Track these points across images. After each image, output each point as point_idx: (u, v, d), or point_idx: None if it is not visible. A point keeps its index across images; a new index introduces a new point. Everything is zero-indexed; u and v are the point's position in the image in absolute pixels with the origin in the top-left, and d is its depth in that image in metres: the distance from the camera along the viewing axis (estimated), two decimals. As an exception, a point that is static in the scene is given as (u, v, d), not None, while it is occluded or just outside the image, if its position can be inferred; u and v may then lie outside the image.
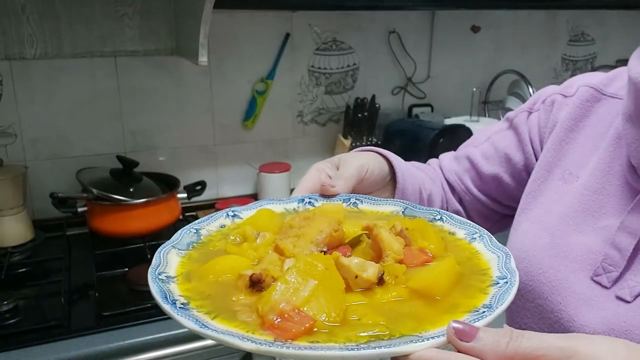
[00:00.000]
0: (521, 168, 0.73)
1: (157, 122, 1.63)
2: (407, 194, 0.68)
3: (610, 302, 0.55)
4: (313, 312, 0.40)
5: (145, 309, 1.15)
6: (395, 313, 0.41)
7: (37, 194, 1.52)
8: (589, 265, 0.58)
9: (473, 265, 0.48)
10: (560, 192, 0.65)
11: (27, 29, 1.42)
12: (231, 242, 0.53)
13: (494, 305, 0.40)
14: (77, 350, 1.03)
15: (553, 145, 0.67)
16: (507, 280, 0.43)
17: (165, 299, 0.41)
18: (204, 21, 1.22)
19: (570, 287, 0.58)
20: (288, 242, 0.49)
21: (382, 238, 0.48)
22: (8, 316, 1.12)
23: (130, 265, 1.31)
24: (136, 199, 1.39)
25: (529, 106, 0.74)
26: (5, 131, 1.47)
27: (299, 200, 0.61)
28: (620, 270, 0.55)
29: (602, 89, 0.66)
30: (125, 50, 1.54)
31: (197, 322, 0.38)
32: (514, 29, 2.11)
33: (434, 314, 0.41)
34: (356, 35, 1.84)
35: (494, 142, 0.76)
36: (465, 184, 0.78)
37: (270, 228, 0.54)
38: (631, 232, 0.55)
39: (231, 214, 0.58)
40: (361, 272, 0.44)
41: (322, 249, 0.49)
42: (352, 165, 0.63)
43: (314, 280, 0.41)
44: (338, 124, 1.88)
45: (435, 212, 0.58)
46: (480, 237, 0.52)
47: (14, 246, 1.37)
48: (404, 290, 0.44)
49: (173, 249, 0.50)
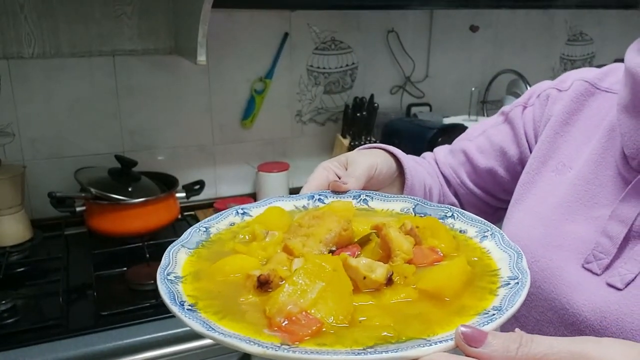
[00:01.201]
0: (516, 161, 0.74)
1: (156, 121, 1.63)
2: (415, 189, 0.69)
3: (601, 289, 0.55)
4: (320, 314, 0.39)
5: (143, 309, 1.15)
6: (403, 315, 0.41)
7: (35, 193, 1.51)
8: (580, 254, 0.58)
9: (484, 265, 0.47)
10: (554, 183, 0.65)
11: (26, 28, 1.42)
12: (240, 240, 0.53)
13: (504, 307, 0.40)
14: (76, 349, 1.03)
15: (547, 137, 0.68)
16: (518, 281, 0.42)
17: (173, 300, 0.41)
18: (202, 20, 1.22)
19: (562, 275, 0.59)
20: (297, 241, 0.49)
21: (391, 237, 0.47)
22: (6, 316, 1.11)
23: (128, 265, 1.31)
24: (134, 198, 1.39)
25: (524, 100, 0.75)
26: (4, 131, 1.47)
27: (308, 197, 0.60)
28: (610, 258, 0.56)
29: (596, 83, 0.67)
30: (124, 50, 1.54)
31: (205, 325, 0.38)
32: (513, 28, 2.12)
33: (443, 316, 0.40)
34: (355, 35, 1.84)
35: (489, 135, 0.76)
36: (461, 177, 0.78)
37: (280, 226, 0.54)
38: (622, 220, 0.56)
39: (241, 212, 0.58)
40: (369, 273, 0.43)
41: (332, 249, 0.49)
42: (361, 164, 0.64)
43: (322, 282, 0.41)
44: (337, 124, 1.88)
45: (447, 208, 0.58)
46: (492, 235, 0.51)
47: (12, 246, 1.37)
48: (413, 291, 0.44)
49: (182, 248, 0.50)
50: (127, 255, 1.37)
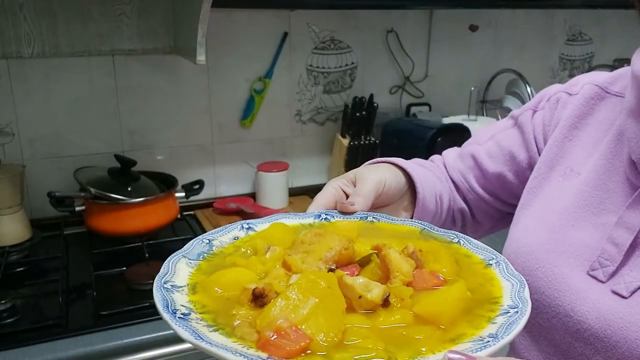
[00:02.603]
0: (525, 166, 0.73)
1: (155, 121, 1.63)
2: (427, 202, 0.68)
3: (606, 296, 0.55)
4: (311, 330, 0.39)
5: (142, 308, 1.14)
6: (396, 339, 0.40)
7: (34, 193, 1.51)
8: (586, 261, 0.58)
9: (486, 292, 0.47)
10: (561, 189, 0.64)
11: (25, 28, 1.42)
12: (242, 254, 0.52)
13: (500, 335, 0.39)
14: (75, 349, 1.03)
15: (556, 142, 0.67)
16: (517, 310, 0.42)
17: (166, 307, 0.41)
18: (202, 20, 1.22)
19: (566, 282, 0.58)
20: (297, 257, 0.48)
21: (390, 259, 0.47)
22: (5, 315, 1.11)
23: (128, 265, 1.31)
24: (134, 198, 1.38)
25: (534, 104, 0.74)
26: (3, 130, 1.47)
27: (315, 216, 0.60)
28: (616, 265, 0.55)
29: (606, 87, 0.66)
30: (123, 49, 1.54)
31: (194, 334, 0.38)
32: (512, 28, 2.12)
33: (437, 343, 0.40)
34: (354, 35, 1.84)
35: (498, 140, 0.76)
36: (469, 182, 0.78)
37: (283, 242, 0.53)
38: (629, 227, 0.55)
39: (246, 227, 0.58)
40: (365, 292, 0.43)
41: (331, 267, 0.48)
42: (369, 181, 0.63)
43: (315, 298, 0.40)
44: (336, 123, 1.88)
45: (453, 234, 0.57)
46: (496, 263, 0.51)
47: (12, 245, 1.37)
48: (409, 315, 0.43)
49: (183, 259, 0.50)
50: (126, 255, 1.37)
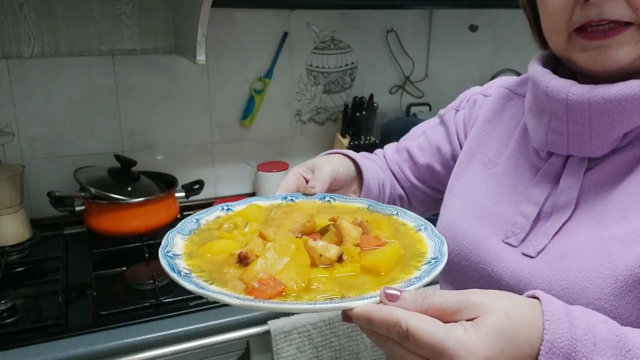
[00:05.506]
0: (449, 158, 0.86)
1: (155, 121, 1.63)
2: (371, 188, 0.82)
3: (518, 258, 0.66)
4: (285, 280, 0.52)
5: (142, 308, 1.15)
6: (347, 284, 0.53)
7: (34, 193, 1.51)
8: (502, 230, 0.69)
9: (415, 249, 0.60)
10: (482, 176, 0.76)
11: (25, 28, 1.42)
12: (225, 229, 0.65)
13: (423, 277, 0.52)
14: (75, 349, 1.03)
15: (474, 135, 0.80)
16: (437, 260, 0.56)
17: (172, 269, 0.53)
18: (201, 20, 1.22)
19: (486, 248, 0.69)
20: (270, 230, 0.61)
21: (343, 227, 0.60)
22: (5, 315, 1.12)
23: (128, 264, 1.31)
24: (134, 198, 1.39)
25: (456, 105, 0.88)
26: (3, 130, 1.47)
27: (282, 198, 0.73)
28: (525, 233, 0.66)
29: (515, 89, 0.79)
30: (123, 49, 1.54)
31: (197, 286, 0.50)
32: (512, 28, 2.11)
33: (377, 286, 0.52)
34: (354, 34, 1.84)
35: (427, 136, 0.90)
36: (405, 172, 0.91)
37: (257, 219, 0.67)
38: (534, 202, 0.67)
39: (225, 208, 0.71)
40: (324, 252, 0.56)
41: (297, 236, 0.61)
42: (325, 169, 0.76)
43: (287, 257, 0.54)
44: (336, 123, 1.88)
45: (393, 208, 0.70)
46: (425, 228, 0.65)
47: (12, 245, 1.37)
48: (357, 267, 0.56)
49: (178, 234, 0.62)
50: (126, 255, 1.37)
